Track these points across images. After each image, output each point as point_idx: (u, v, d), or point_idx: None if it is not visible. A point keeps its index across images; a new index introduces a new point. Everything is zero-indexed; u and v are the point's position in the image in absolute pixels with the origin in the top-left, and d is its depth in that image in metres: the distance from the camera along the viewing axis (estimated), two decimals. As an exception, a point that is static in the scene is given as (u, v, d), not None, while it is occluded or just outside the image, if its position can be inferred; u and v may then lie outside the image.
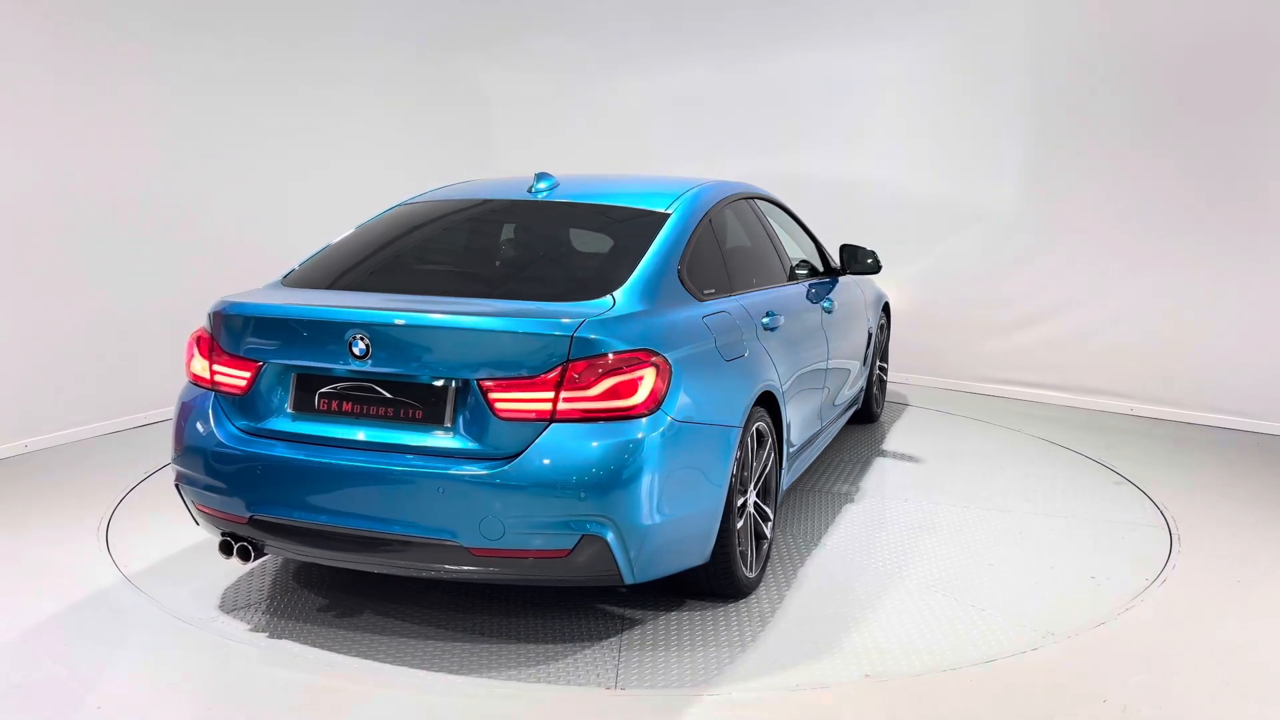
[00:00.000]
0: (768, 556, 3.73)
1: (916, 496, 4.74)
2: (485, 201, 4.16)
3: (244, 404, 3.20)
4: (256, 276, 6.96)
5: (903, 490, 4.85)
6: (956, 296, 7.42)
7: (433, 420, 3.00)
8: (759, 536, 3.67)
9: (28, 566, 3.87)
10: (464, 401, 2.97)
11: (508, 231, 4.04)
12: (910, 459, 5.43)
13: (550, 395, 2.88)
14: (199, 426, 3.24)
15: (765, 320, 3.82)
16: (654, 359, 2.97)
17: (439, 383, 3.00)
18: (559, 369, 2.88)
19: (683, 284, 3.43)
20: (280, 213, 7.02)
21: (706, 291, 3.55)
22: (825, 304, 4.71)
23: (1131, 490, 4.89)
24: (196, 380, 3.36)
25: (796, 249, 5.02)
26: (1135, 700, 2.84)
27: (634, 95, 8.20)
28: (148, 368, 6.31)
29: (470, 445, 2.94)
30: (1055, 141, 6.82)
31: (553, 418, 2.89)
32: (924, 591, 3.63)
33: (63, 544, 4.08)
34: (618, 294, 3.18)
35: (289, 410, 3.17)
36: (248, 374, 3.19)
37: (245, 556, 3.17)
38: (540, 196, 3.93)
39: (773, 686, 2.94)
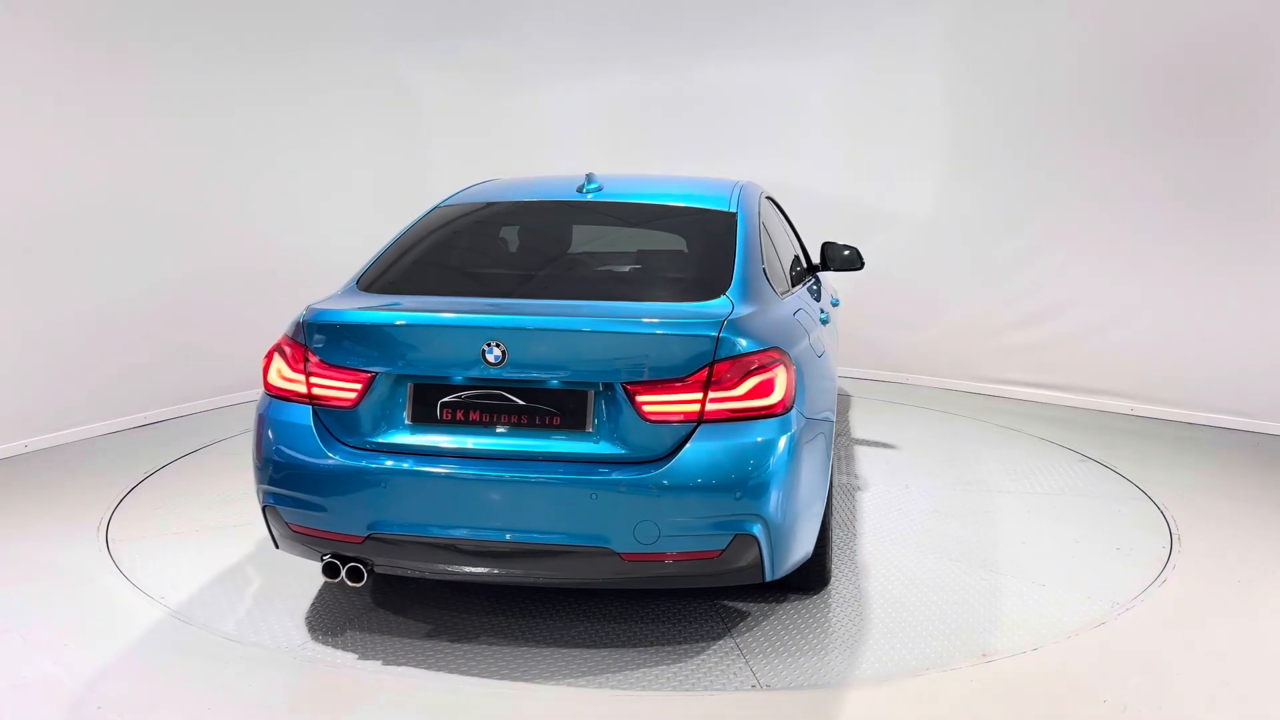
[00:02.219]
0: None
1: (918, 483, 4.76)
2: (545, 202, 4.03)
3: (352, 417, 3.01)
4: (257, 275, 7.00)
5: (902, 477, 4.86)
6: (956, 297, 7.42)
7: (572, 426, 2.93)
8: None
9: (28, 566, 3.87)
10: (606, 405, 2.91)
11: (584, 233, 4.00)
12: (892, 448, 5.44)
13: (698, 396, 2.85)
14: (298, 443, 3.03)
15: (822, 316, 3.85)
16: (783, 357, 2.98)
17: (579, 387, 2.93)
18: (705, 369, 2.86)
19: (767, 282, 3.45)
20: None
21: (780, 290, 3.57)
22: (834, 301, 4.74)
23: (1131, 490, 4.89)
24: (285, 394, 3.12)
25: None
26: (1135, 700, 2.84)
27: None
28: (148, 368, 6.31)
29: (614, 450, 2.89)
30: (1055, 142, 6.82)
31: (700, 419, 2.86)
32: (980, 570, 3.82)
33: (63, 544, 4.08)
34: (730, 294, 3.17)
35: (407, 422, 3.01)
36: (358, 386, 3.00)
37: (357, 577, 3.01)
38: (591, 197, 3.86)
39: (902, 673, 3.02)
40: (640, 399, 2.86)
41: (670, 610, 3.45)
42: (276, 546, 3.21)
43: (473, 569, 2.98)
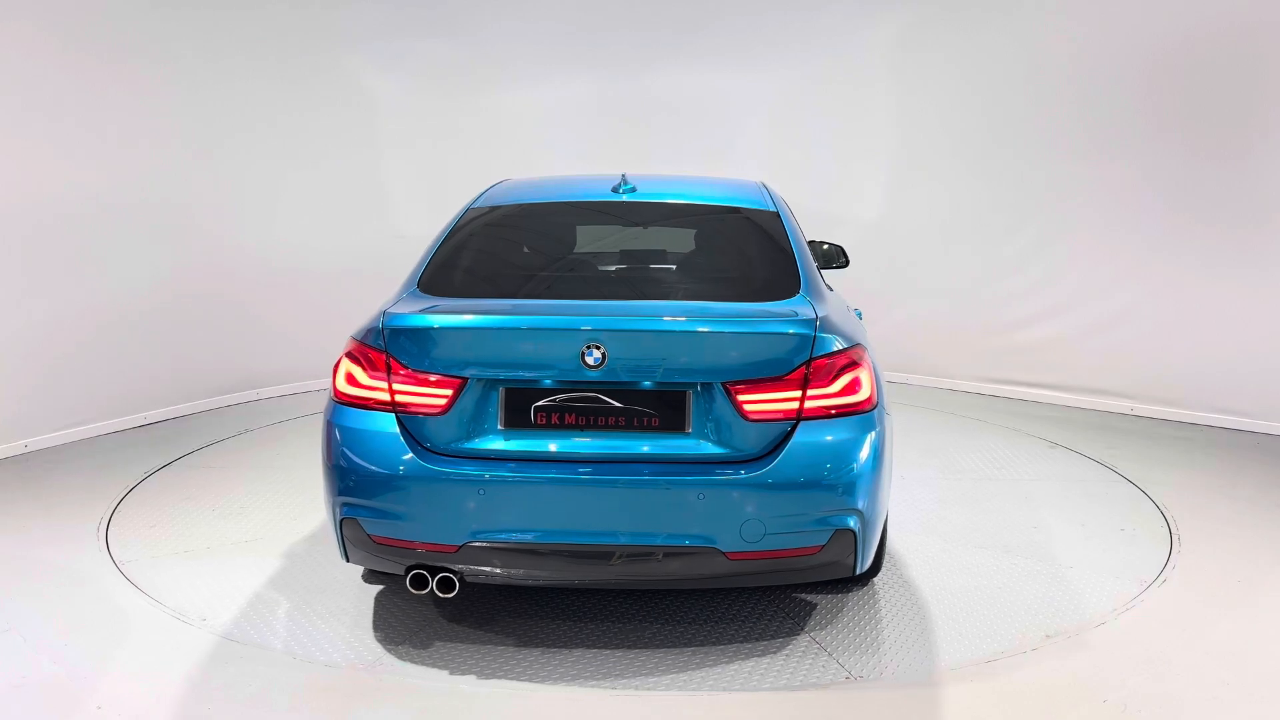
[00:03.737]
0: None
1: (912, 475, 4.77)
2: (590, 203, 3.96)
3: (441, 424, 2.93)
4: (257, 275, 7.00)
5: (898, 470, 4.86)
6: (956, 297, 7.43)
7: (672, 427, 2.92)
8: None
9: (28, 566, 3.86)
10: (705, 405, 2.91)
11: (630, 233, 3.97)
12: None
13: (797, 394, 2.88)
14: (383, 453, 2.91)
15: (856, 311, 3.88)
16: (865, 355, 3.04)
17: (678, 388, 2.92)
18: (803, 367, 2.89)
19: (822, 280, 3.47)
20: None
21: (830, 289, 3.59)
22: (857, 313, 4.72)
23: (1132, 490, 4.90)
24: (362, 403, 2.99)
25: None
26: (1135, 700, 2.84)
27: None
28: (148, 368, 6.32)
29: (715, 449, 2.90)
30: (1055, 144, 6.83)
31: (799, 416, 2.88)
32: (1009, 556, 3.99)
33: (63, 544, 4.08)
34: (805, 294, 3.19)
35: (500, 427, 2.95)
36: (448, 392, 2.92)
37: (448, 588, 2.95)
38: (627, 197, 3.81)
39: (978, 659, 3.11)
40: (741, 398, 2.87)
41: (730, 610, 3.45)
42: (346, 559, 3.09)
43: (573, 574, 2.95)
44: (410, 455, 2.90)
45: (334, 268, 7.48)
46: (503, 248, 3.77)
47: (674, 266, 3.80)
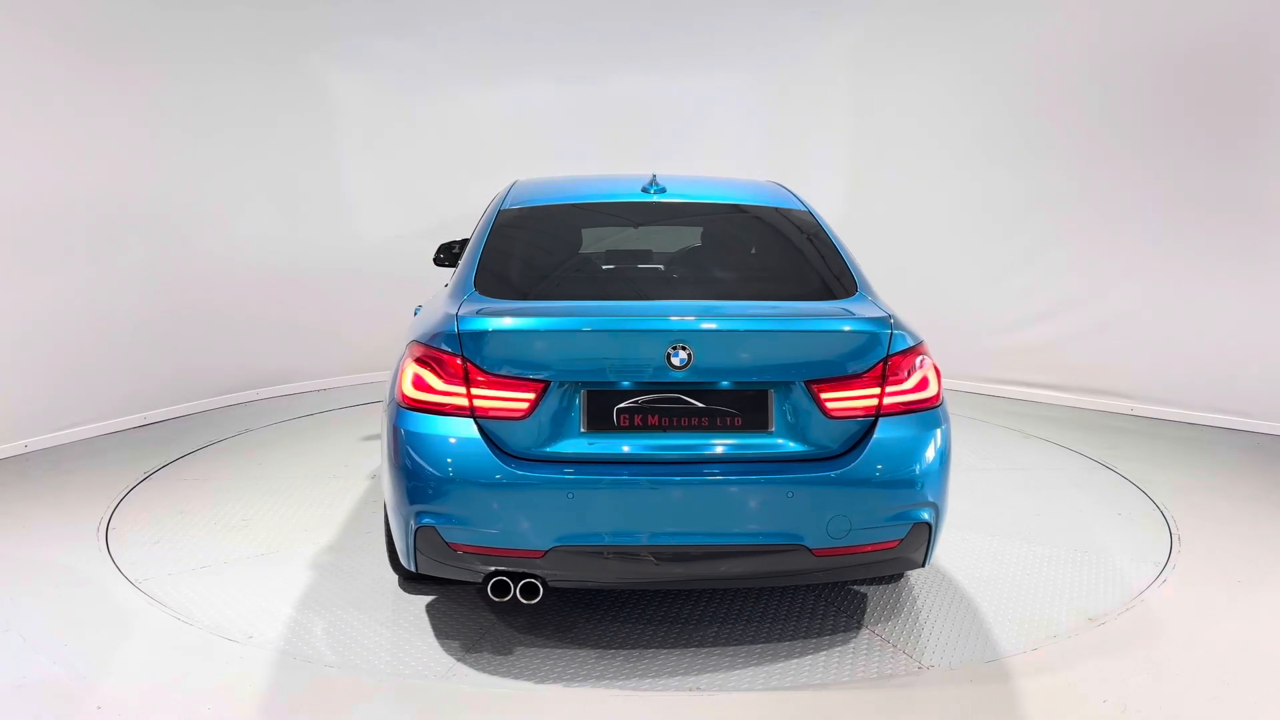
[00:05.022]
0: None
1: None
2: (628, 203, 3.87)
3: (522, 429, 2.87)
4: (256, 276, 7.00)
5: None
6: (956, 297, 7.43)
7: (754, 426, 2.93)
8: None
9: (28, 566, 3.86)
10: (787, 403, 2.93)
11: (670, 233, 3.94)
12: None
13: (876, 391, 2.94)
14: (466, 460, 2.84)
15: None
16: (929, 352, 3.11)
17: (760, 387, 2.94)
18: (880, 365, 2.95)
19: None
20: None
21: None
22: None
23: (1131, 490, 4.89)
24: (437, 408, 2.90)
25: None
26: (1135, 700, 2.84)
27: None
28: (148, 368, 6.32)
29: (797, 447, 2.92)
30: (1055, 144, 6.83)
31: (878, 413, 2.94)
32: (1027, 543, 4.10)
33: (63, 544, 4.08)
34: (863, 292, 3.24)
35: (582, 430, 2.90)
36: (531, 396, 2.86)
37: (532, 594, 2.91)
38: (658, 197, 3.78)
39: (1030, 644, 3.19)
40: (824, 396, 2.91)
41: (781, 608, 3.48)
42: (416, 570, 2.99)
43: (661, 575, 2.95)
44: (496, 462, 2.83)
45: (334, 268, 7.48)
46: (548, 247, 3.75)
47: (729, 267, 3.78)
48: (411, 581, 3.58)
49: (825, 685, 2.94)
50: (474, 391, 2.88)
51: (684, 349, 2.84)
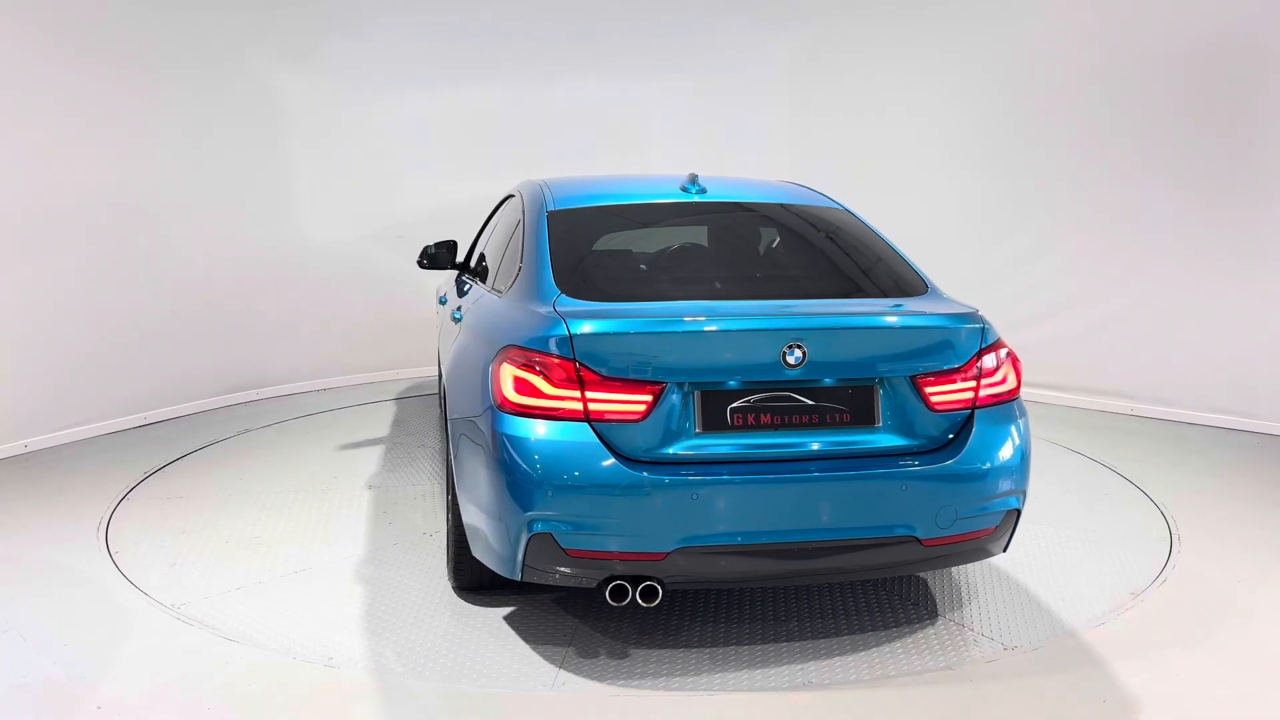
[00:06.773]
0: None
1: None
2: (678, 203, 3.85)
3: (638, 431, 2.85)
4: (255, 276, 7.00)
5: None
6: (956, 297, 7.41)
7: (862, 421, 2.98)
8: None
9: (28, 566, 3.87)
10: (891, 398, 3.00)
11: (752, 234, 3.94)
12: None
13: (973, 384, 3.05)
14: (584, 464, 2.80)
15: None
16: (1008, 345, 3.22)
17: (866, 383, 2.99)
18: (975, 359, 3.07)
19: None
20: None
21: None
22: None
23: (1131, 490, 4.90)
24: (547, 413, 2.86)
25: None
26: (1135, 700, 2.84)
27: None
28: (148, 368, 6.32)
29: (903, 441, 2.99)
30: (1055, 143, 6.83)
31: (974, 405, 3.06)
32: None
33: (63, 544, 4.08)
34: (932, 288, 3.38)
35: (697, 431, 2.89)
36: (648, 398, 2.84)
37: (652, 597, 2.89)
38: (699, 197, 3.80)
39: (1094, 619, 3.36)
40: (929, 390, 3.00)
41: (841, 603, 3.52)
42: (520, 579, 2.94)
43: (779, 571, 2.99)
44: (615, 464, 2.80)
45: (334, 268, 7.49)
46: (614, 247, 3.79)
47: (803, 266, 3.80)
48: (468, 590, 3.54)
49: (922, 671, 3.02)
50: (589, 395, 2.84)
51: (799, 347, 2.87)
